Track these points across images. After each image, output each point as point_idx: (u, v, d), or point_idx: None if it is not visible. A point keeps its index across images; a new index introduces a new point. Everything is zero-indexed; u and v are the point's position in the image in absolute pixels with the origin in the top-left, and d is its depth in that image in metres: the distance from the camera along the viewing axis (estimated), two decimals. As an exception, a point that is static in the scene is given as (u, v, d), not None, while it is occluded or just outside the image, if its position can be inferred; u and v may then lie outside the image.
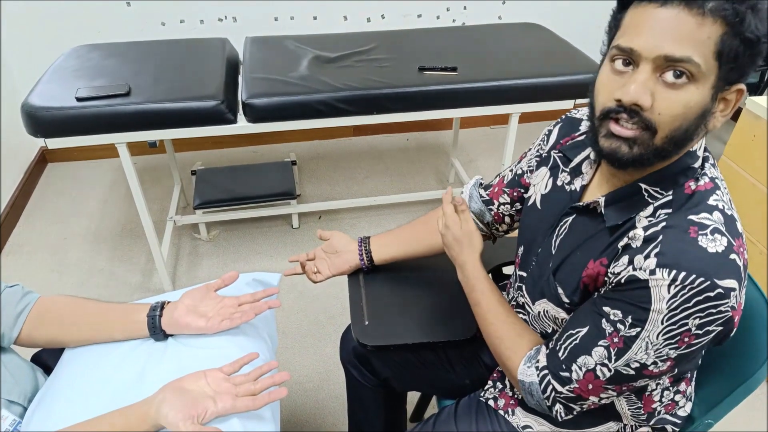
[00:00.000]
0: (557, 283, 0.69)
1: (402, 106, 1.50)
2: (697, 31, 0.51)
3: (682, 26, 0.52)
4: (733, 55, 0.52)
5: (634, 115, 0.55)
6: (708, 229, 0.56)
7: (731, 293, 0.55)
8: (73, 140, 1.38)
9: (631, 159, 0.57)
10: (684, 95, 0.53)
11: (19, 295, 0.75)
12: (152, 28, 2.12)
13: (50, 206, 2.12)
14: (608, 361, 0.61)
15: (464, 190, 0.92)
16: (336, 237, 0.96)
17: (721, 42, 0.52)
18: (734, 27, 0.51)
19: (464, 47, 1.74)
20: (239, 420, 0.63)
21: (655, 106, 0.54)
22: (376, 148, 2.52)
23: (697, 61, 0.52)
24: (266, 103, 1.43)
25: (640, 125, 0.55)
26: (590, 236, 0.66)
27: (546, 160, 0.78)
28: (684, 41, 0.52)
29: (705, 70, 0.52)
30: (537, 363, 0.67)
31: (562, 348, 0.65)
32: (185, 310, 0.75)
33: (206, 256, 1.88)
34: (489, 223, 0.90)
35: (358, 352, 0.99)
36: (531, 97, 1.56)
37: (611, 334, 0.60)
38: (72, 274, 1.79)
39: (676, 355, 0.58)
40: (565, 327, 0.67)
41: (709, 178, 0.61)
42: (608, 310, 0.60)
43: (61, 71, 1.51)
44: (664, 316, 0.56)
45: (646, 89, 0.54)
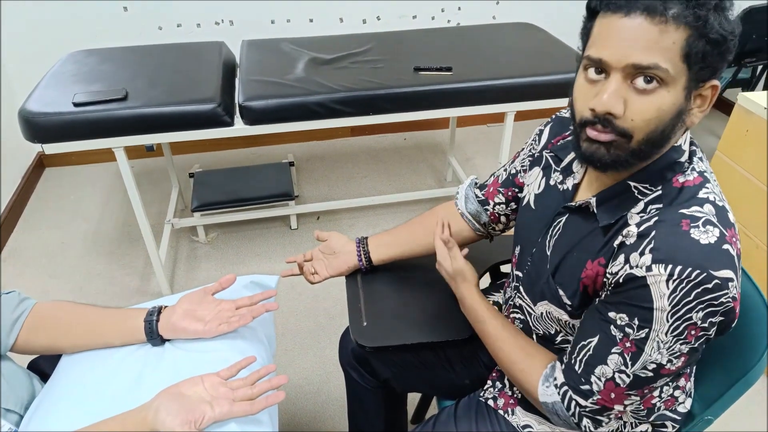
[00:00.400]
0: (557, 285, 0.70)
1: (398, 106, 1.51)
2: (662, 38, 0.53)
3: (647, 35, 0.53)
4: (701, 56, 0.54)
5: (607, 124, 0.57)
6: (699, 221, 0.57)
7: (729, 283, 0.55)
8: (70, 145, 1.38)
9: (610, 161, 0.59)
10: (656, 99, 0.55)
11: (15, 301, 0.75)
12: (149, 33, 2.12)
13: (48, 211, 2.12)
14: (625, 368, 0.61)
15: (459, 191, 0.93)
16: (334, 238, 0.96)
17: (687, 45, 0.53)
18: (698, 30, 0.52)
19: (459, 47, 1.74)
20: (237, 425, 0.63)
21: (627, 113, 0.56)
22: (374, 148, 2.52)
23: (665, 66, 0.53)
24: (263, 106, 1.43)
25: (614, 131, 0.57)
26: (585, 236, 0.66)
27: (538, 160, 0.79)
28: (650, 49, 0.53)
29: (674, 73, 0.54)
30: (555, 381, 0.67)
31: (577, 361, 0.65)
32: (182, 315, 0.75)
33: (204, 259, 1.88)
34: (485, 224, 0.90)
35: (357, 353, 0.99)
36: (525, 96, 1.57)
37: (622, 339, 0.60)
38: (70, 279, 1.79)
39: (687, 349, 0.59)
40: (576, 339, 0.67)
41: (697, 172, 0.61)
42: (614, 315, 0.60)
43: (58, 76, 1.51)
44: (668, 313, 0.56)
45: (618, 97, 0.55)
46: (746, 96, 1.39)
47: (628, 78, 0.55)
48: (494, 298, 0.99)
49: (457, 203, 0.92)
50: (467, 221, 0.91)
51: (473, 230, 0.91)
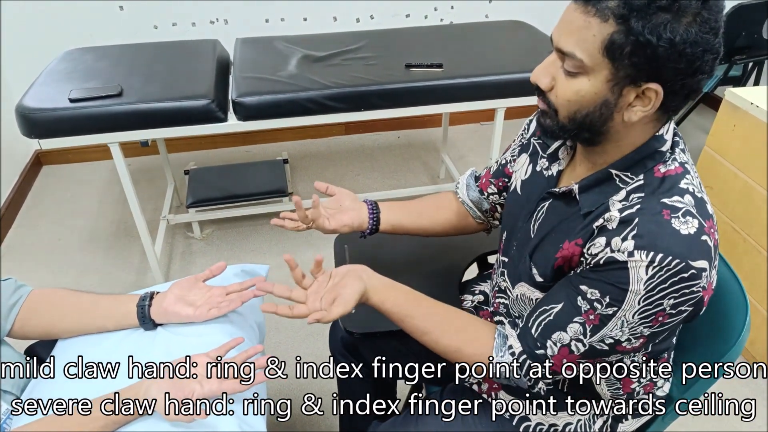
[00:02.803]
0: (532, 263, 0.72)
1: (389, 102, 1.53)
2: (585, 28, 0.56)
3: (575, 23, 0.56)
4: (625, 53, 0.54)
5: (541, 93, 0.63)
6: (680, 212, 0.58)
7: (702, 273, 0.57)
8: (66, 141, 1.40)
9: (546, 129, 0.65)
10: (576, 84, 0.59)
11: (12, 288, 0.77)
12: (145, 31, 2.14)
13: (45, 208, 2.14)
14: (583, 337, 0.63)
15: (460, 181, 0.95)
16: (344, 193, 0.90)
17: (609, 40, 0.54)
18: (622, 27, 0.53)
19: (450, 45, 1.77)
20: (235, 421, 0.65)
21: (554, 89, 0.61)
22: (368, 146, 2.54)
23: (580, 57, 0.56)
24: (256, 102, 1.46)
25: (545, 102, 0.63)
26: (565, 218, 0.69)
27: (526, 147, 0.81)
28: (572, 36, 0.57)
29: (591, 65, 0.56)
30: (511, 350, 0.69)
31: (535, 324, 0.67)
32: (174, 300, 0.77)
33: (199, 255, 1.90)
34: (486, 211, 0.92)
35: (347, 341, 1.02)
36: (515, 92, 1.59)
37: (587, 311, 0.62)
38: (67, 274, 1.81)
39: (649, 333, 0.61)
40: (539, 304, 0.69)
41: (678, 162, 0.63)
42: (585, 288, 0.62)
43: (54, 74, 1.54)
44: (642, 296, 0.58)
45: (547, 73, 0.61)
46: (733, 92, 1.41)
47: (561, 59, 0.59)
48: (481, 288, 1.01)
49: (457, 191, 0.94)
50: (468, 209, 0.93)
51: (474, 218, 0.93)
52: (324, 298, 0.72)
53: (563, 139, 0.71)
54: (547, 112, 0.63)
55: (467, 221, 0.94)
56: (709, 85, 2.28)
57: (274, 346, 1.55)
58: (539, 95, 0.63)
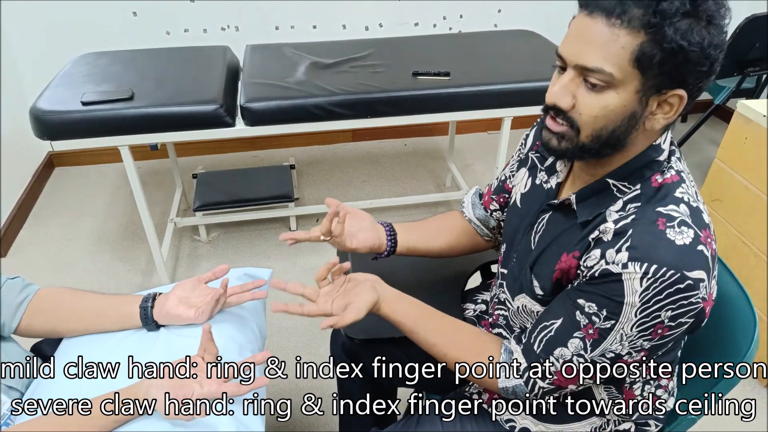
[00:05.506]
0: (533, 276, 0.72)
1: (395, 109, 1.54)
2: (612, 41, 0.54)
3: (600, 36, 0.55)
4: (655, 62, 0.54)
5: (559, 113, 0.60)
6: (675, 221, 0.58)
7: (700, 284, 0.56)
8: (77, 143, 1.43)
9: (560, 152, 0.62)
10: (603, 99, 0.57)
11: (19, 286, 0.79)
12: (157, 37, 2.18)
13: (56, 208, 2.17)
14: (584, 352, 0.63)
15: (465, 200, 0.95)
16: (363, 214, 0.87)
17: (639, 51, 0.54)
18: (652, 36, 0.53)
19: (458, 53, 1.78)
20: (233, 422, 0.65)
21: (576, 107, 0.59)
22: (374, 153, 2.55)
23: (609, 70, 0.55)
24: (263, 107, 1.48)
25: (566, 122, 0.60)
26: (564, 230, 0.69)
27: (525, 162, 0.81)
28: (598, 51, 0.55)
29: (621, 77, 0.55)
30: (518, 365, 0.69)
31: (537, 341, 0.67)
32: (176, 302, 0.78)
33: (205, 258, 1.91)
34: (493, 228, 0.92)
35: (347, 347, 1.02)
36: (522, 101, 1.59)
37: (586, 326, 0.62)
38: (74, 274, 1.84)
39: (649, 345, 0.61)
40: (539, 319, 0.69)
41: (675, 171, 0.63)
42: (583, 302, 0.62)
43: (68, 77, 1.57)
44: (638, 308, 0.58)
45: (566, 92, 0.58)
46: (745, 104, 1.39)
47: (580, 75, 0.57)
48: (483, 297, 1.01)
49: (463, 210, 0.94)
50: (476, 227, 0.93)
51: (482, 236, 0.93)
52: (336, 302, 0.73)
53: (581, 160, 0.66)
54: (565, 134, 0.60)
55: (476, 240, 0.94)
56: (722, 97, 2.25)
57: (276, 351, 1.55)
58: (556, 116, 0.60)
